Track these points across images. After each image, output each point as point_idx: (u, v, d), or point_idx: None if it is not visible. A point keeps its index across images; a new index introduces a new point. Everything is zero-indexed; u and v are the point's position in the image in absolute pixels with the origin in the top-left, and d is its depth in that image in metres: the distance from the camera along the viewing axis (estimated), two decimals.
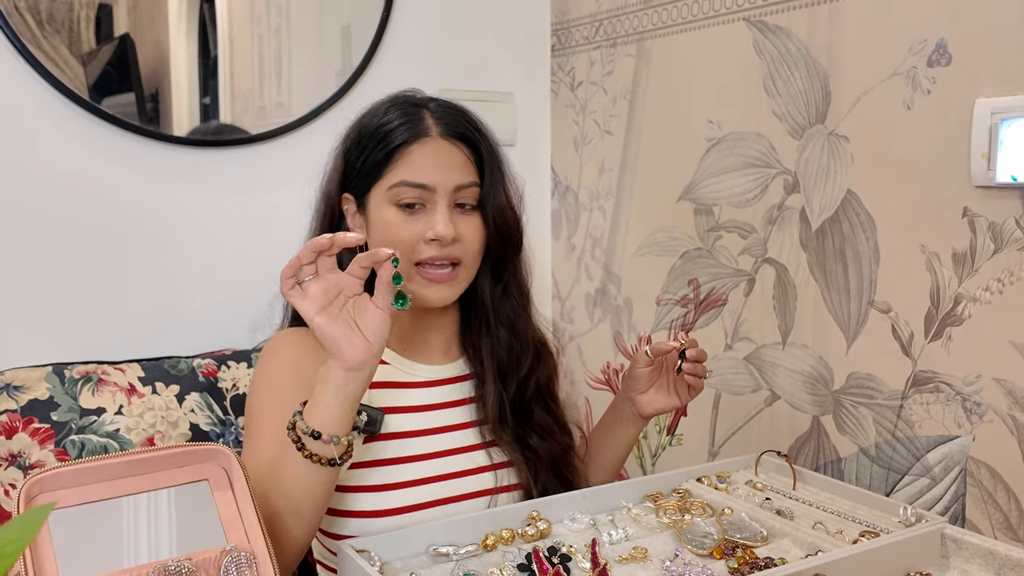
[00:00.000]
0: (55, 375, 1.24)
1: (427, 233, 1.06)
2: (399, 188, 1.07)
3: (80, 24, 1.35)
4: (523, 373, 1.17)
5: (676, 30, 1.49)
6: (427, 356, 1.18)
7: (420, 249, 1.07)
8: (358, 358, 0.88)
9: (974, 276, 1.08)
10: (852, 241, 1.21)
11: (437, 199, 1.07)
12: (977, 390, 1.08)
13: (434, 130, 1.09)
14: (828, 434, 1.27)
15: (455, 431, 1.14)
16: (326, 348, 0.88)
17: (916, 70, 1.12)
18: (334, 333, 0.87)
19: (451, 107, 1.13)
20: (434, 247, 1.07)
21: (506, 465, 1.14)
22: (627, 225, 1.63)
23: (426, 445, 1.11)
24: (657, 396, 1.17)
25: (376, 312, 0.88)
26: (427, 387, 1.16)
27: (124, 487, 0.77)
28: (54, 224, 1.36)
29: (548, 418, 1.19)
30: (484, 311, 1.17)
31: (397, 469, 1.09)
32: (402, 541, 0.95)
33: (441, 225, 1.06)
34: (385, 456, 1.09)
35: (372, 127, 1.10)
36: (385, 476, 1.08)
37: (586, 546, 0.96)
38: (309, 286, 0.87)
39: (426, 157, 1.07)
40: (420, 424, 1.12)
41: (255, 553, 0.78)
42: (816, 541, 0.96)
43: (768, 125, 1.32)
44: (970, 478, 1.10)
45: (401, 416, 1.11)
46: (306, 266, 0.87)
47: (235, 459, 0.82)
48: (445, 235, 1.06)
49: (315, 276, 0.88)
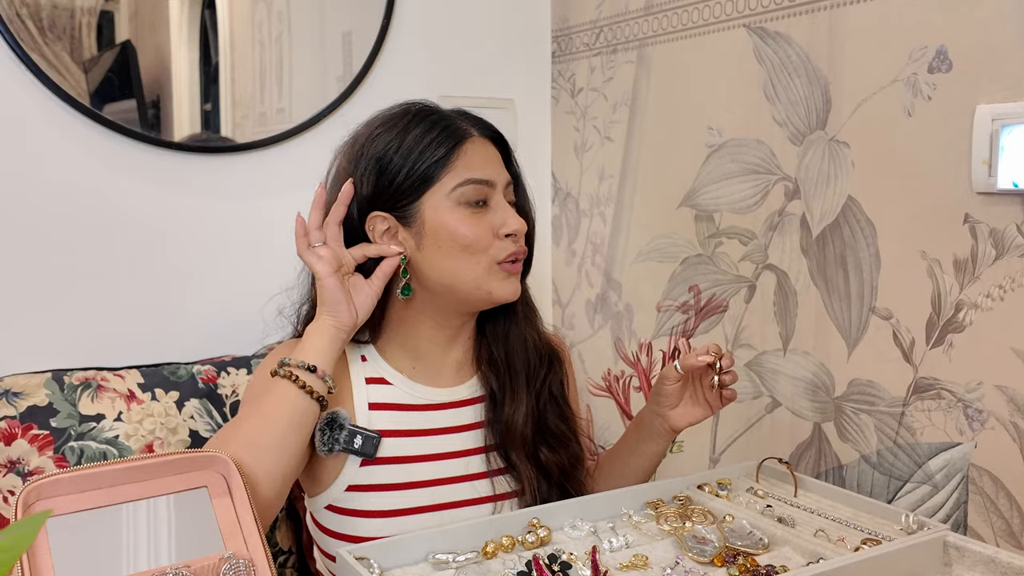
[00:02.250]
0: (54, 381, 1.24)
1: (501, 229, 1.08)
2: (464, 188, 1.06)
3: (81, 31, 1.35)
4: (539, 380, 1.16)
5: (676, 36, 1.49)
6: (437, 378, 1.15)
7: (499, 247, 1.08)
8: (348, 322, 1.04)
9: (975, 283, 1.08)
10: (853, 247, 1.21)
11: (497, 195, 1.09)
12: (979, 397, 1.08)
13: (472, 131, 1.10)
14: (829, 441, 1.26)
15: (457, 458, 1.12)
16: (326, 305, 1.03)
17: (916, 76, 1.12)
18: (338, 296, 1.03)
19: (468, 113, 1.14)
20: (509, 243, 1.08)
21: (509, 496, 1.12)
22: (628, 231, 1.63)
23: (423, 471, 1.09)
24: (689, 409, 1.13)
25: (369, 292, 1.06)
26: (429, 410, 1.13)
27: (122, 494, 0.77)
28: (54, 230, 1.36)
29: (562, 426, 1.17)
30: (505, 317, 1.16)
31: (395, 495, 1.07)
32: (402, 548, 0.94)
33: (514, 219, 1.08)
34: (383, 481, 1.07)
35: (404, 144, 1.07)
36: (383, 502, 1.07)
37: (586, 553, 0.96)
38: (322, 250, 1.04)
39: (479, 155, 1.09)
40: (418, 449, 1.10)
41: (254, 561, 0.77)
42: (818, 549, 0.96)
43: (768, 131, 1.32)
44: (972, 485, 1.10)
45: (397, 440, 1.09)
46: (315, 231, 1.05)
47: (233, 466, 0.81)
48: (521, 228, 1.09)
49: (324, 244, 1.04)
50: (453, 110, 1.13)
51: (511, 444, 1.12)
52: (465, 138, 1.08)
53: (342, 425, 1.05)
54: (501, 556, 0.96)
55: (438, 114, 1.11)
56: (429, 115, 1.10)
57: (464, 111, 1.14)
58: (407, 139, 1.07)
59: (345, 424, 1.05)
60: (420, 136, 1.07)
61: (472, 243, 1.06)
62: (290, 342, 1.15)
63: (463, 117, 1.12)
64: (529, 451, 1.13)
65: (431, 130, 1.08)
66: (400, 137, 1.08)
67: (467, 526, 0.99)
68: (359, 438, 1.04)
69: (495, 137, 1.13)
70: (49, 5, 1.32)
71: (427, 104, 1.14)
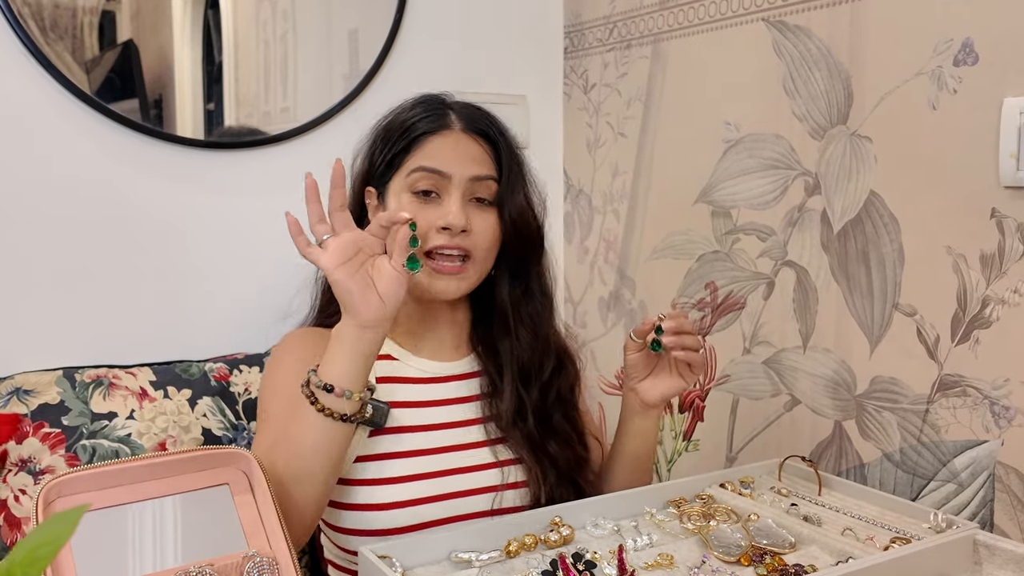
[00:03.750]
0: (66, 379, 1.22)
1: (438, 221, 1.06)
2: (416, 174, 1.08)
3: (83, 31, 1.34)
4: (545, 377, 1.15)
5: (693, 31, 1.47)
6: (434, 352, 1.17)
7: (431, 237, 1.06)
8: (372, 316, 0.91)
9: (1002, 278, 1.06)
10: (876, 243, 1.20)
11: (452, 189, 1.08)
12: (1006, 394, 1.07)
13: (456, 124, 1.11)
14: (851, 439, 1.25)
15: (458, 427, 1.13)
16: (342, 303, 0.92)
17: (941, 69, 1.11)
18: (351, 287, 0.90)
19: (476, 107, 1.15)
20: (445, 235, 1.07)
21: (512, 463, 1.12)
22: (642, 228, 1.61)
23: (426, 440, 1.10)
24: (658, 381, 1.11)
25: (392, 273, 0.92)
26: (432, 383, 1.15)
27: (144, 491, 0.76)
28: (65, 227, 1.34)
29: (567, 426, 1.16)
30: (502, 311, 1.16)
31: (396, 463, 1.08)
32: (423, 547, 0.93)
33: (452, 214, 1.06)
34: (384, 450, 1.08)
35: (397, 122, 1.13)
36: (383, 470, 1.07)
37: (611, 552, 0.94)
38: (328, 243, 0.91)
39: (446, 148, 1.09)
40: (422, 419, 1.11)
41: (277, 558, 0.76)
42: (846, 547, 0.94)
43: (788, 126, 1.31)
44: (998, 483, 1.08)
45: (403, 411, 1.10)
46: (319, 225, 0.92)
47: (255, 463, 0.80)
48: (455, 223, 1.06)
49: (333, 234, 0.92)
50: (460, 103, 1.15)
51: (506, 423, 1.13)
52: (440, 129, 1.10)
53: None
54: (524, 555, 0.95)
55: (435, 103, 1.13)
56: (433, 102, 1.14)
57: (470, 105, 1.15)
58: (396, 122, 1.12)
59: None
60: (404, 120, 1.11)
61: None
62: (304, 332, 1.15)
63: (462, 110, 1.13)
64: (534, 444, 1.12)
65: (415, 116, 1.11)
66: (393, 120, 1.13)
67: (489, 525, 0.97)
68: (369, 407, 1.02)
69: (484, 134, 1.12)
70: (51, 5, 1.31)
71: (437, 94, 1.16)
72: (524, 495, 1.11)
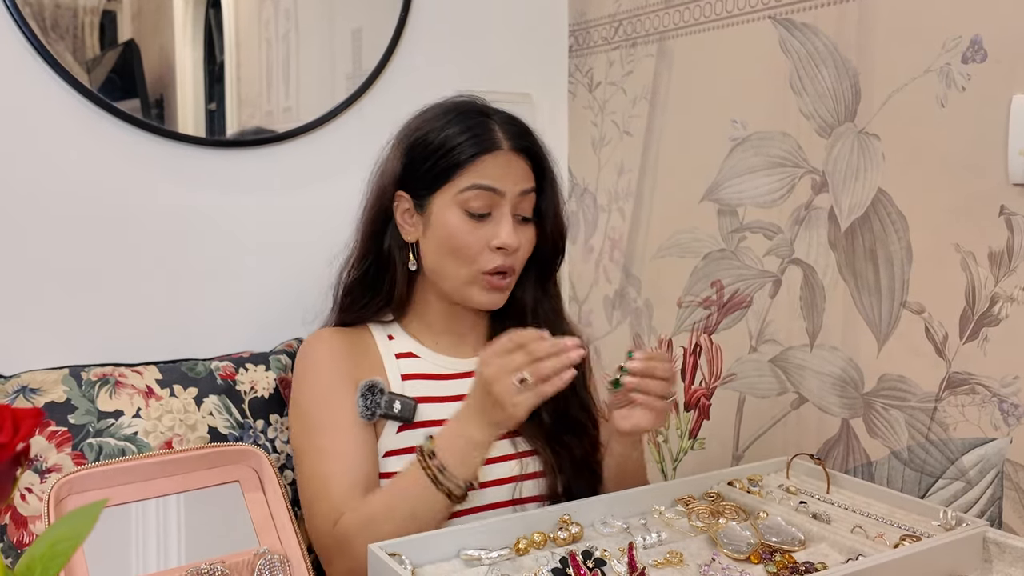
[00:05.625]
0: (72, 377, 1.22)
1: (493, 241, 1.11)
2: (470, 192, 1.11)
3: (84, 30, 1.34)
4: None
5: (698, 29, 1.47)
6: (457, 350, 1.21)
7: (486, 258, 1.12)
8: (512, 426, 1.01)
9: (1011, 275, 1.06)
10: (883, 241, 1.19)
11: (504, 206, 1.12)
12: (1015, 391, 1.06)
13: (504, 144, 1.13)
14: (858, 437, 1.24)
15: None
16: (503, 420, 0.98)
17: (950, 67, 1.10)
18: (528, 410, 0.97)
19: (515, 120, 1.17)
20: (499, 256, 1.12)
21: (529, 454, 1.15)
22: (647, 226, 1.61)
23: None
24: (632, 413, 1.07)
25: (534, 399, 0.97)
26: (454, 379, 1.18)
27: (154, 489, 0.75)
28: (70, 226, 1.34)
29: (582, 415, 1.19)
30: (522, 311, 1.20)
31: None
32: (433, 544, 0.93)
33: (507, 234, 1.11)
34: (412, 444, 1.10)
35: (439, 135, 1.13)
36: None
37: (620, 550, 0.94)
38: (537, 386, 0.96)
39: (498, 167, 1.12)
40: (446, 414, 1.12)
41: (288, 556, 0.75)
42: (856, 545, 0.94)
43: (795, 124, 1.31)
44: (1007, 481, 1.08)
45: (430, 406, 1.14)
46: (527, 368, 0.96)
47: (266, 460, 0.80)
48: (511, 244, 1.11)
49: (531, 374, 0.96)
50: (500, 116, 1.17)
51: None
52: (491, 149, 1.12)
53: (382, 390, 1.10)
54: (533, 553, 0.95)
55: (481, 116, 1.15)
56: (474, 115, 1.15)
57: (512, 118, 1.17)
58: (441, 134, 1.13)
59: (385, 390, 1.10)
60: (454, 135, 1.12)
61: (460, 249, 1.12)
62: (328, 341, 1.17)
63: (506, 125, 1.15)
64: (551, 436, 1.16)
65: (465, 131, 1.12)
66: (438, 130, 1.13)
67: (498, 522, 0.97)
68: (398, 403, 1.09)
69: (528, 150, 1.15)
70: (52, 4, 1.30)
71: (478, 103, 1.18)
72: (542, 485, 1.15)
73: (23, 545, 1.15)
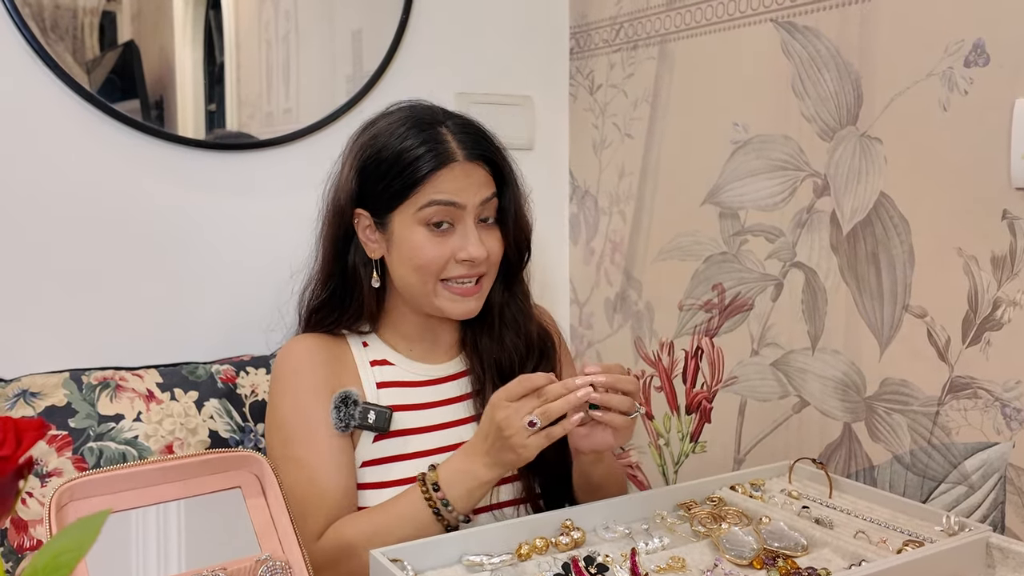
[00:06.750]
0: (72, 381, 1.22)
1: (459, 254, 1.10)
2: (430, 209, 1.10)
3: (84, 31, 1.33)
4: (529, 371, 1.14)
5: (700, 32, 1.47)
6: (431, 356, 1.21)
7: (450, 268, 1.11)
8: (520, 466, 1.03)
9: (1014, 279, 1.06)
10: (885, 244, 1.19)
11: (466, 217, 1.11)
12: (1017, 395, 1.06)
13: (459, 154, 1.10)
14: (860, 441, 1.24)
15: (455, 427, 1.17)
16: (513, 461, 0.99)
17: (952, 71, 1.10)
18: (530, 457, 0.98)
19: (469, 126, 1.14)
20: (464, 267, 1.11)
21: None
22: (648, 229, 1.61)
23: (427, 441, 1.14)
24: (594, 431, 1.02)
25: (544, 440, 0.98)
26: (428, 385, 1.19)
27: (155, 495, 0.75)
28: (70, 229, 1.34)
29: None
30: (490, 315, 1.20)
31: (398, 466, 1.12)
32: (435, 550, 0.93)
33: (473, 247, 1.10)
34: (388, 454, 1.12)
35: (393, 152, 1.10)
36: (388, 473, 1.12)
37: (622, 555, 0.94)
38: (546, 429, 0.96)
39: (456, 180, 1.10)
40: (421, 421, 1.15)
41: (290, 562, 0.75)
42: (859, 551, 0.94)
43: (797, 127, 1.31)
44: (1010, 485, 1.08)
45: (405, 414, 1.14)
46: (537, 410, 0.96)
47: (268, 466, 0.79)
48: (478, 256, 1.10)
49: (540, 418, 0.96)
50: (455, 122, 1.13)
51: None
52: (447, 162, 1.09)
53: (356, 401, 1.09)
54: (535, 558, 0.94)
55: (433, 127, 1.11)
56: (426, 126, 1.11)
57: (466, 123, 1.14)
58: (394, 150, 1.10)
59: (359, 401, 1.10)
60: (407, 150, 1.09)
61: (424, 265, 1.10)
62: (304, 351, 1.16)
63: (460, 134, 1.12)
64: None
65: (419, 145, 1.09)
66: (391, 147, 1.10)
67: (501, 528, 0.97)
68: (372, 413, 1.09)
69: (484, 157, 1.13)
70: (51, 5, 1.30)
71: (424, 113, 1.14)
72: (518, 488, 1.16)
73: (23, 549, 1.15)
